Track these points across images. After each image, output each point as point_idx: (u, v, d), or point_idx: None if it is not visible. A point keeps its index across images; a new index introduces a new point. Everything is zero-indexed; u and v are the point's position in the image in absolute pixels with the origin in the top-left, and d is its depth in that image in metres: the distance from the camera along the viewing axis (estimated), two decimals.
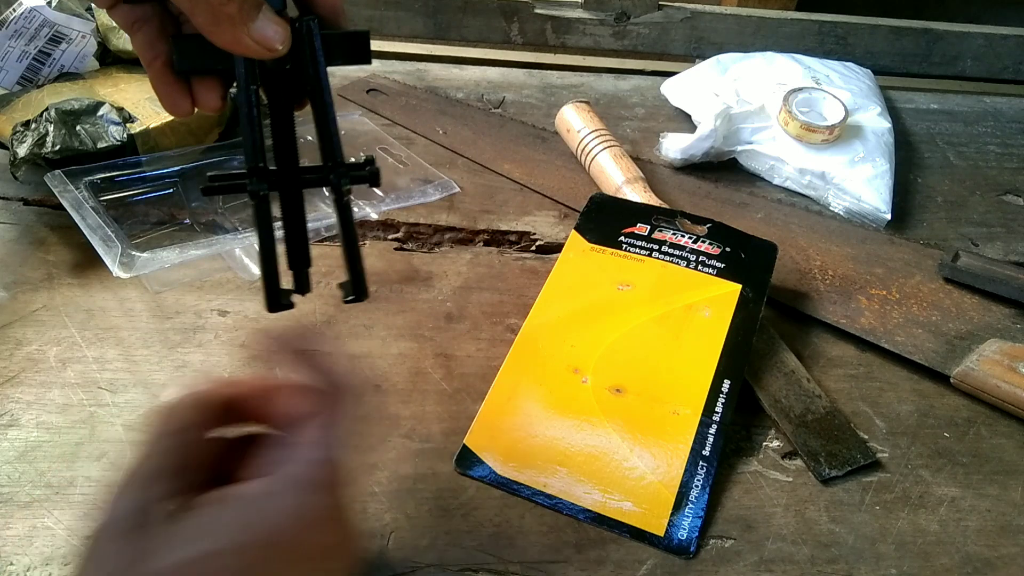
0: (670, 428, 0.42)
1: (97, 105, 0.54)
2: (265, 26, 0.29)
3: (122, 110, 0.55)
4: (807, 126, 0.63)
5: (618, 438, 0.41)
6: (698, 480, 0.40)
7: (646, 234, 0.51)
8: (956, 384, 0.47)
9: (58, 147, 0.51)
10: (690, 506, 0.39)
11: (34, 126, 0.52)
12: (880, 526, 0.40)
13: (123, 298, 0.48)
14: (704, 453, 0.41)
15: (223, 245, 0.49)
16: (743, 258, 0.49)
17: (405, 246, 0.55)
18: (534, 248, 0.56)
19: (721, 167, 0.66)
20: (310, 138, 0.34)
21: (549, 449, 0.41)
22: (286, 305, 0.34)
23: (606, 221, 0.52)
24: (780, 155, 0.64)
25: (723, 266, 0.49)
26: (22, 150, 0.51)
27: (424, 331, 0.48)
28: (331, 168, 0.33)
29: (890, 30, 0.86)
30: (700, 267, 0.49)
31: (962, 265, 0.54)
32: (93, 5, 0.56)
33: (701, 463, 0.41)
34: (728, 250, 0.49)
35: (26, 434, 0.40)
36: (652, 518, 0.38)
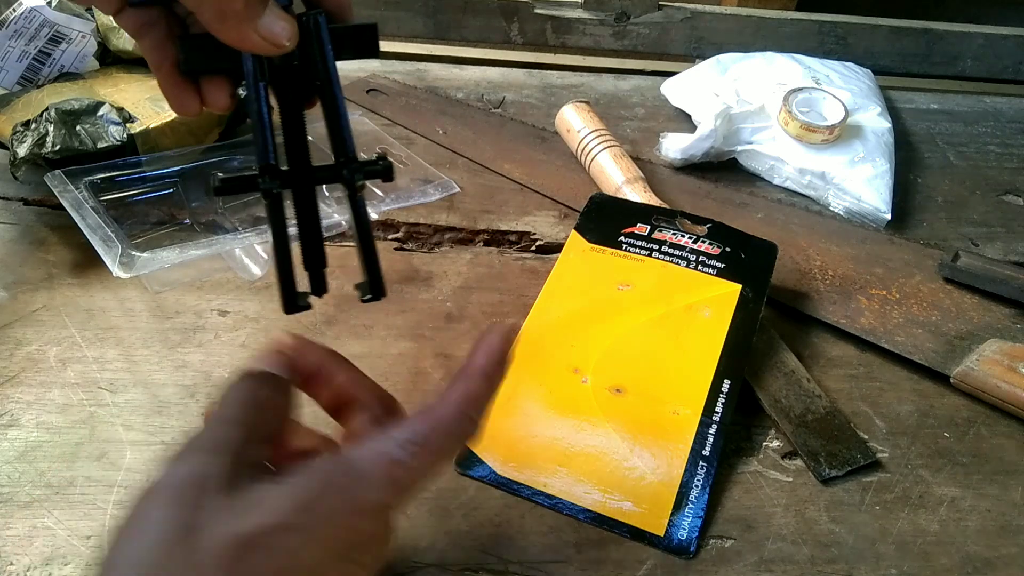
0: (670, 428, 0.42)
1: (97, 105, 0.54)
2: (272, 22, 0.29)
3: (122, 110, 0.55)
4: (807, 126, 0.63)
5: (618, 438, 0.41)
6: (698, 480, 0.40)
7: (646, 234, 0.51)
8: (956, 384, 0.47)
9: (58, 147, 0.51)
10: (690, 506, 0.39)
11: (34, 126, 0.52)
12: (880, 526, 0.40)
13: (123, 298, 0.48)
14: (704, 453, 0.41)
15: (223, 245, 0.49)
16: (743, 258, 0.49)
17: (405, 246, 0.55)
18: (534, 248, 0.56)
19: (721, 167, 0.66)
20: (311, 138, 0.34)
21: (549, 449, 0.41)
22: (303, 306, 0.33)
23: (606, 221, 0.52)
24: (780, 155, 0.64)
25: (723, 266, 0.49)
26: (22, 150, 0.51)
27: (424, 331, 0.48)
28: (343, 164, 0.33)
29: (890, 30, 0.86)
30: (700, 267, 0.49)
31: (962, 265, 0.54)
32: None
33: (701, 463, 0.41)
34: (728, 250, 0.49)
35: (26, 434, 0.40)
36: (652, 518, 0.38)
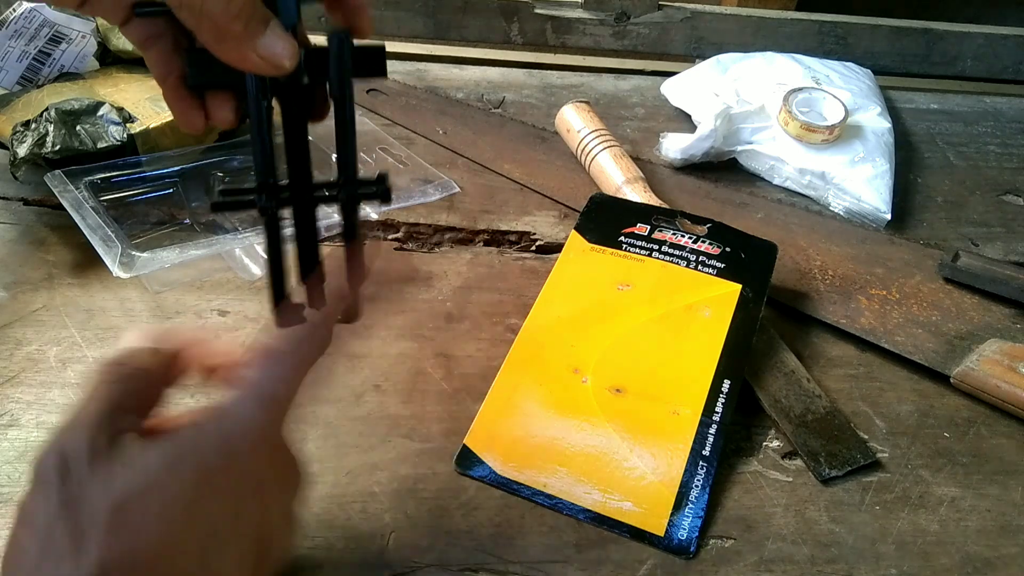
0: (670, 428, 0.42)
1: (97, 105, 0.54)
2: (273, 42, 0.28)
3: (122, 110, 0.55)
4: (807, 126, 0.63)
5: (618, 438, 0.41)
6: (698, 480, 0.40)
7: (646, 234, 0.51)
8: (956, 384, 0.47)
9: (58, 147, 0.51)
10: (690, 506, 0.39)
11: (34, 126, 0.52)
12: (880, 526, 0.40)
13: (123, 298, 0.48)
14: (704, 453, 0.41)
15: (223, 245, 0.49)
16: (743, 258, 0.49)
17: (405, 246, 0.55)
18: (534, 248, 0.56)
19: (721, 167, 0.66)
20: (310, 138, 0.34)
21: (549, 449, 0.41)
22: (296, 321, 0.33)
23: (606, 221, 0.52)
24: (780, 155, 0.64)
25: (723, 266, 0.49)
26: (22, 150, 0.51)
27: (424, 331, 0.48)
28: (343, 185, 0.33)
29: (890, 30, 0.86)
30: (700, 267, 0.49)
31: (962, 265, 0.54)
32: None
33: (701, 463, 0.41)
34: (728, 250, 0.49)
35: (26, 434, 0.40)
36: (652, 518, 0.38)
